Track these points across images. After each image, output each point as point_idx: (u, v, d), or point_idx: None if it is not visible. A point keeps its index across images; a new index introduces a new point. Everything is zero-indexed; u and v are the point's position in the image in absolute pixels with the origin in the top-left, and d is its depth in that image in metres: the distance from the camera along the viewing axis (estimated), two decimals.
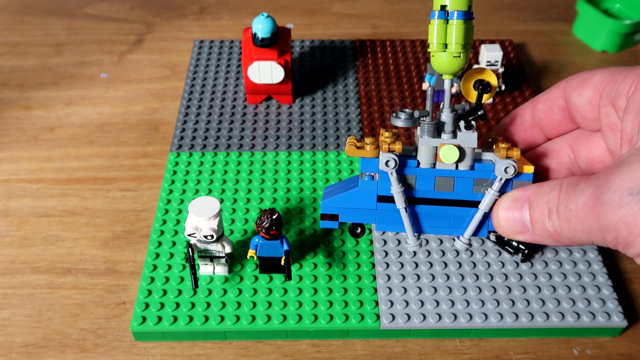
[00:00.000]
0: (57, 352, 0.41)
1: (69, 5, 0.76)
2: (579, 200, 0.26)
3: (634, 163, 0.25)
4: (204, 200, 0.40)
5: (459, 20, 0.30)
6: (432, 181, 0.33)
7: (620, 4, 0.72)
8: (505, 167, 0.31)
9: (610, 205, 0.25)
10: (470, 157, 0.32)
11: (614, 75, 0.29)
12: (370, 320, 0.41)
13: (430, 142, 0.32)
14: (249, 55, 0.54)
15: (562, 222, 0.27)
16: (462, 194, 0.33)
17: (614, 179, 0.25)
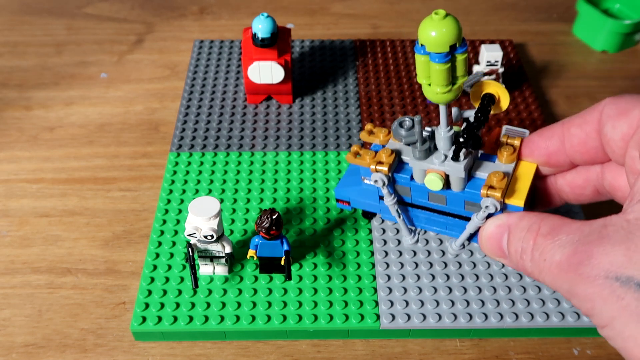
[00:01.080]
0: (57, 352, 0.41)
1: (69, 5, 0.76)
2: (555, 255, 0.26)
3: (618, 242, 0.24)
4: (204, 200, 0.40)
5: (439, 63, 0.29)
6: (425, 194, 0.34)
7: (620, 4, 0.72)
8: (485, 205, 0.32)
9: (585, 279, 0.24)
10: (459, 184, 0.33)
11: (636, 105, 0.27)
12: (370, 320, 0.41)
13: (419, 165, 0.33)
14: (249, 55, 0.54)
15: (534, 267, 0.27)
16: (454, 210, 0.34)
17: (595, 253, 0.24)
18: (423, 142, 0.32)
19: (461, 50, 0.29)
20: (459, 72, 0.30)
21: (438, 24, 0.28)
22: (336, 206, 0.39)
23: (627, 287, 0.23)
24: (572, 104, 0.62)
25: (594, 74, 0.66)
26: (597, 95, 0.63)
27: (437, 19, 0.28)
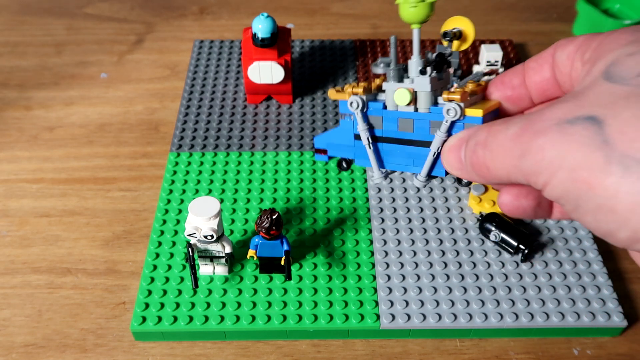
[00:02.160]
0: (57, 352, 0.41)
1: (69, 5, 0.76)
2: (509, 130, 0.27)
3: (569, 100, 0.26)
4: (204, 200, 0.40)
5: None
6: (395, 122, 0.36)
7: (620, 4, 0.72)
8: (447, 109, 0.33)
9: (536, 133, 0.26)
10: (425, 101, 0.35)
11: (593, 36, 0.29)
12: (370, 320, 0.41)
13: (392, 86, 0.35)
14: (249, 55, 0.54)
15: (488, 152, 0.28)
16: (421, 135, 0.36)
17: (546, 111, 0.26)
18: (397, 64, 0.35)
19: None
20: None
21: None
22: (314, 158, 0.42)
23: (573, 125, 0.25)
24: None
25: None
26: None
27: None
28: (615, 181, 0.24)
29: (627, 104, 0.25)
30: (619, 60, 0.26)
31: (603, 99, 0.25)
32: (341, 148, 0.39)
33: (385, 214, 0.48)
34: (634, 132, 0.24)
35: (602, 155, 0.24)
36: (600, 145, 0.24)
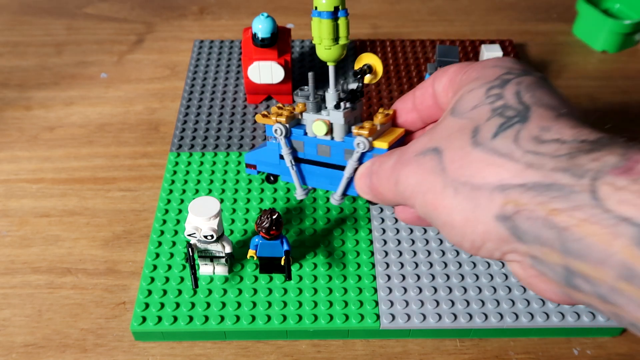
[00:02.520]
0: (57, 352, 0.41)
1: (69, 5, 0.76)
2: (389, 162, 0.33)
3: (425, 135, 0.31)
4: (204, 200, 0.40)
5: (326, 20, 0.37)
6: (315, 147, 0.41)
7: (620, 4, 0.72)
8: (357, 142, 0.38)
9: (403, 165, 0.31)
10: (340, 131, 0.39)
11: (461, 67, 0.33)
12: (370, 320, 0.41)
13: (310, 117, 0.40)
14: (249, 55, 0.54)
15: (377, 180, 0.34)
16: (336, 160, 0.41)
17: (411, 144, 0.32)
18: (315, 97, 0.39)
19: (343, 14, 0.37)
20: (342, 32, 0.38)
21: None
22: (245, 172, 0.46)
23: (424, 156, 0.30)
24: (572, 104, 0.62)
25: (594, 74, 0.66)
26: (597, 95, 0.63)
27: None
28: (450, 202, 0.28)
29: (458, 135, 0.29)
30: (462, 97, 0.31)
31: (445, 132, 0.30)
32: (268, 165, 0.43)
33: (385, 214, 0.48)
34: (459, 159, 0.28)
35: (440, 180, 0.29)
36: (439, 173, 0.29)
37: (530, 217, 0.25)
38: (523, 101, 0.28)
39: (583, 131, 0.26)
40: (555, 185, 0.24)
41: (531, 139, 0.26)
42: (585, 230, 0.23)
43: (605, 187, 0.23)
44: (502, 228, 0.26)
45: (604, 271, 0.23)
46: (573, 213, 0.23)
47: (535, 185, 0.25)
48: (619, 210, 0.22)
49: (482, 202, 0.27)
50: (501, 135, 0.27)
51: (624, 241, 0.22)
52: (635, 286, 0.22)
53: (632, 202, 0.22)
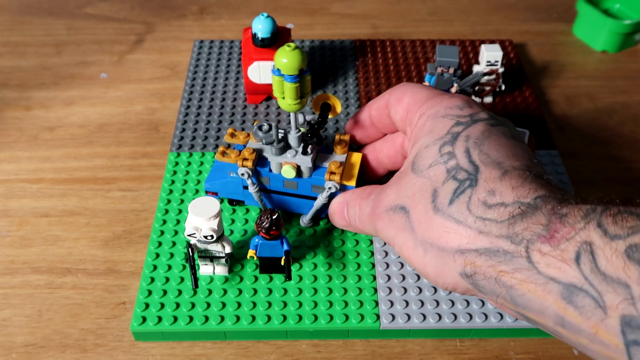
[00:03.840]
0: (57, 352, 0.41)
1: (69, 5, 0.76)
2: (366, 208, 0.38)
3: (393, 186, 0.36)
4: (204, 200, 0.40)
5: (289, 83, 0.38)
6: (281, 182, 0.44)
7: (620, 4, 0.72)
8: (328, 187, 0.42)
9: (378, 217, 0.36)
10: (307, 172, 0.43)
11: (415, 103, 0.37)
12: (370, 320, 0.41)
13: (276, 159, 0.43)
14: (249, 55, 0.54)
15: (361, 223, 0.39)
16: (304, 192, 0.44)
17: (382, 197, 0.36)
18: (279, 142, 0.42)
19: (307, 73, 0.39)
20: (306, 89, 0.39)
21: (289, 54, 0.37)
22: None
23: (394, 212, 0.35)
24: (572, 104, 0.62)
25: (594, 74, 0.66)
26: (597, 95, 0.63)
27: (289, 50, 0.37)
28: (422, 259, 0.33)
29: (420, 195, 0.33)
30: (419, 153, 0.35)
31: (409, 190, 0.34)
32: (232, 194, 0.46)
33: None
34: (424, 222, 0.32)
35: (411, 239, 0.33)
36: (410, 231, 0.33)
37: (485, 277, 0.29)
38: (472, 160, 0.32)
39: (521, 192, 0.30)
40: (500, 251, 0.28)
41: (480, 204, 0.30)
42: (526, 287, 0.28)
43: (536, 252, 0.27)
44: (466, 282, 0.31)
45: (545, 319, 0.28)
46: (515, 274, 0.28)
47: (485, 250, 0.29)
48: (547, 272, 0.27)
49: (448, 262, 0.31)
50: (456, 202, 0.31)
51: (554, 296, 0.26)
52: (568, 330, 0.27)
53: (555, 265, 0.26)
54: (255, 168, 0.43)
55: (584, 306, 0.25)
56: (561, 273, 0.26)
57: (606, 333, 0.25)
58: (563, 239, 0.26)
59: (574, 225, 0.27)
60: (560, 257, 0.26)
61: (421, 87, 0.39)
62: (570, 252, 0.26)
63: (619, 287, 0.24)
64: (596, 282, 0.25)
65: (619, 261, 0.24)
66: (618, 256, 0.24)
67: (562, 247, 0.26)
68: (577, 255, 0.26)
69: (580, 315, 0.25)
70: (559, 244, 0.26)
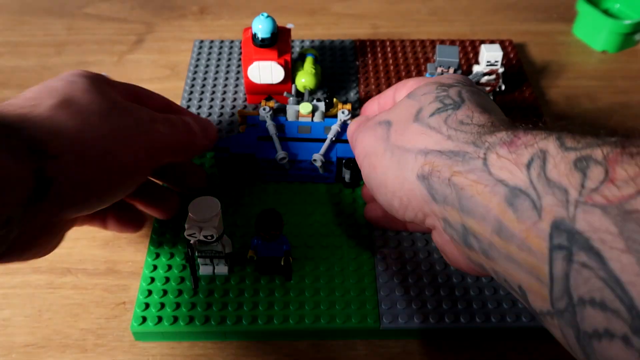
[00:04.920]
0: (57, 352, 0.41)
1: (69, 5, 0.76)
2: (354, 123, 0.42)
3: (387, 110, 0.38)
4: (204, 200, 0.40)
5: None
6: (295, 127, 0.49)
7: (620, 4, 0.72)
8: (342, 110, 0.48)
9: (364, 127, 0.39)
10: (320, 114, 0.49)
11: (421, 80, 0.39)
12: (371, 320, 0.41)
13: (294, 107, 0.50)
14: (249, 55, 0.54)
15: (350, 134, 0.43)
16: (317, 134, 0.48)
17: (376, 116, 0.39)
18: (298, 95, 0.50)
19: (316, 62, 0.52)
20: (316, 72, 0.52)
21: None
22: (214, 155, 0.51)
23: (379, 125, 0.37)
24: (572, 104, 0.62)
25: (594, 74, 0.66)
26: (597, 95, 0.63)
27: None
28: (386, 162, 0.34)
29: (406, 112, 0.35)
30: (419, 87, 0.37)
31: (399, 109, 0.36)
32: (243, 146, 0.48)
33: None
34: (401, 130, 0.34)
35: (383, 145, 0.35)
36: (385, 140, 0.35)
37: (439, 178, 0.30)
38: (462, 96, 0.34)
39: (497, 120, 0.31)
40: (461, 153, 0.29)
41: (457, 121, 0.32)
42: (475, 189, 0.28)
43: (493, 155, 0.28)
44: (422, 187, 0.32)
45: (485, 226, 0.27)
46: (468, 175, 0.28)
47: (448, 152, 0.30)
48: (498, 174, 0.27)
49: (408, 162, 0.32)
50: (436, 115, 0.33)
51: (498, 199, 0.26)
52: (502, 239, 0.26)
53: (507, 168, 0.27)
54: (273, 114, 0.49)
55: (522, 209, 0.25)
56: (510, 176, 0.26)
57: (535, 237, 0.25)
58: (522, 146, 0.27)
59: (535, 136, 0.27)
60: (514, 161, 0.27)
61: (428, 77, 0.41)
62: (525, 157, 0.26)
63: (558, 192, 0.24)
64: (539, 186, 0.25)
65: (565, 168, 0.24)
66: (566, 164, 0.25)
67: (519, 152, 0.27)
68: (529, 160, 0.26)
69: (516, 218, 0.25)
70: (516, 149, 0.27)
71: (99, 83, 0.37)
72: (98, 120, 0.34)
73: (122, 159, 0.34)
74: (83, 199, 0.33)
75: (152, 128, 0.37)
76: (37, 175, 0.30)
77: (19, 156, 0.29)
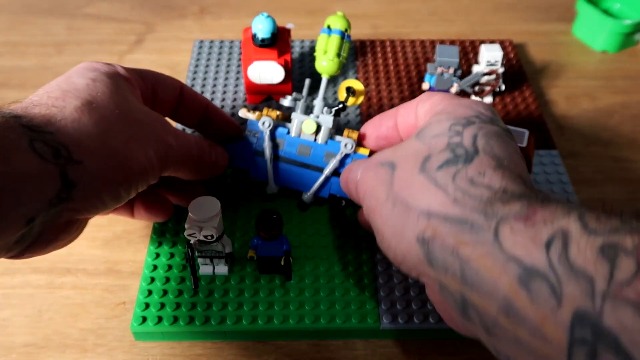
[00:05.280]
0: (57, 352, 0.41)
1: (69, 5, 0.76)
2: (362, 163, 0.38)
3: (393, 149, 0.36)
4: (204, 200, 0.40)
5: (335, 35, 0.43)
6: (295, 146, 0.44)
7: (620, 4, 0.72)
8: (345, 143, 0.43)
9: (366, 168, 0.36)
10: (325, 134, 0.44)
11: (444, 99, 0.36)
12: (371, 320, 0.41)
13: (300, 117, 0.44)
14: (249, 55, 0.54)
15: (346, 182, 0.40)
16: (315, 161, 0.45)
17: (379, 154, 0.37)
18: (306, 100, 0.44)
19: (348, 38, 0.45)
20: (344, 52, 0.45)
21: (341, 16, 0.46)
22: None
23: (382, 166, 0.34)
24: (572, 104, 0.62)
25: (594, 74, 0.66)
26: (597, 95, 0.63)
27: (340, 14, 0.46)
28: (387, 213, 0.31)
29: (413, 157, 0.32)
30: (430, 124, 0.34)
31: (405, 151, 0.34)
32: (239, 160, 0.45)
33: None
34: (406, 179, 0.32)
35: (385, 192, 0.32)
36: (388, 185, 0.33)
37: (442, 245, 0.28)
38: (476, 145, 0.31)
39: (511, 183, 0.29)
40: (469, 222, 0.27)
41: (467, 179, 0.29)
42: (482, 263, 0.26)
43: (506, 229, 0.25)
44: (419, 250, 0.29)
45: (490, 303, 0.25)
46: (476, 247, 0.26)
47: (454, 219, 0.28)
48: (511, 250, 0.25)
49: (410, 221, 0.30)
50: (444, 169, 0.30)
51: (509, 277, 0.24)
52: (511, 320, 0.24)
53: (522, 244, 0.24)
54: (274, 126, 0.45)
55: (539, 293, 0.23)
56: (526, 253, 0.24)
57: (553, 326, 0.23)
58: (540, 222, 0.25)
59: (554, 211, 0.25)
60: (531, 238, 0.24)
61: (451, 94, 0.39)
62: (543, 235, 0.24)
63: (582, 280, 0.22)
64: (560, 270, 0.23)
65: (591, 255, 0.23)
66: (592, 250, 0.23)
67: (536, 229, 0.25)
68: (549, 239, 0.24)
69: (531, 301, 0.23)
70: (534, 224, 0.25)
71: (120, 83, 0.37)
72: (120, 126, 0.34)
73: (139, 164, 0.35)
74: (102, 201, 0.34)
75: (163, 138, 0.38)
76: (62, 178, 0.30)
77: (46, 159, 0.30)
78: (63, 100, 0.33)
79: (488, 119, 0.34)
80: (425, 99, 0.38)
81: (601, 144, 0.57)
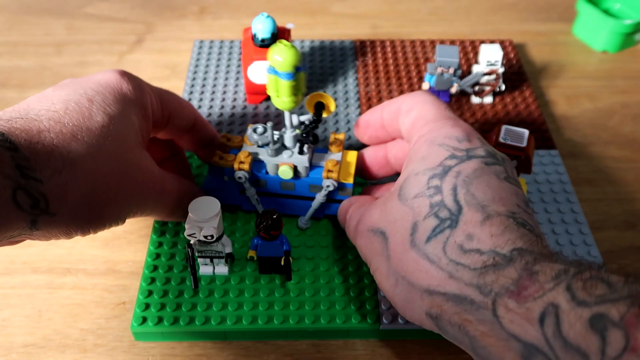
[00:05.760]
0: (57, 352, 0.41)
1: (69, 5, 0.76)
2: (353, 221, 0.39)
3: (378, 207, 0.36)
4: (204, 200, 0.40)
5: (284, 80, 0.38)
6: (278, 183, 0.44)
7: (620, 4, 0.72)
8: (326, 185, 0.43)
9: (359, 234, 0.37)
10: (304, 171, 0.43)
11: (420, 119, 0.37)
12: (371, 320, 0.41)
13: (273, 160, 0.43)
14: (249, 55, 0.54)
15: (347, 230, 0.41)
16: (301, 192, 0.45)
17: (367, 216, 0.37)
18: (275, 143, 0.42)
19: (302, 69, 0.38)
20: (301, 87, 0.39)
21: (283, 51, 0.37)
22: None
23: (374, 234, 0.35)
24: (572, 104, 0.62)
25: (594, 74, 0.66)
26: (597, 95, 0.63)
27: (283, 47, 0.37)
28: (392, 289, 0.33)
29: (400, 225, 0.33)
30: (409, 178, 0.35)
31: (391, 215, 0.34)
32: (228, 198, 0.46)
33: None
34: (400, 253, 0.33)
35: (386, 267, 0.34)
36: (385, 259, 0.34)
37: (450, 322, 0.30)
38: (457, 199, 0.32)
39: (499, 241, 0.30)
40: (468, 300, 0.29)
41: (456, 248, 0.30)
42: (487, 341, 0.28)
43: (502, 307, 0.27)
44: (432, 323, 0.31)
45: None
46: (479, 326, 0.28)
47: (453, 296, 0.29)
48: (510, 328, 0.27)
49: (415, 299, 0.31)
50: (433, 241, 0.31)
51: (513, 354, 0.26)
52: None
53: (518, 323, 0.26)
54: (251, 171, 0.43)
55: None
56: (523, 331, 0.26)
57: None
58: (530, 297, 0.26)
59: (543, 284, 0.26)
60: (525, 316, 0.26)
61: (432, 104, 0.38)
62: (535, 311, 0.26)
63: (577, 356, 0.24)
64: (557, 346, 0.24)
65: (581, 328, 0.24)
66: (582, 324, 0.24)
67: (528, 306, 0.26)
68: (541, 316, 0.26)
69: None
70: (525, 301, 0.26)
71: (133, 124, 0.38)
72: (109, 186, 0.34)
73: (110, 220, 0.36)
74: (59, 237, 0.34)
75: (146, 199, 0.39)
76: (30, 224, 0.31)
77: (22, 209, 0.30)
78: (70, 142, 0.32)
79: (464, 154, 0.34)
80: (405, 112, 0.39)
81: (601, 144, 0.57)
